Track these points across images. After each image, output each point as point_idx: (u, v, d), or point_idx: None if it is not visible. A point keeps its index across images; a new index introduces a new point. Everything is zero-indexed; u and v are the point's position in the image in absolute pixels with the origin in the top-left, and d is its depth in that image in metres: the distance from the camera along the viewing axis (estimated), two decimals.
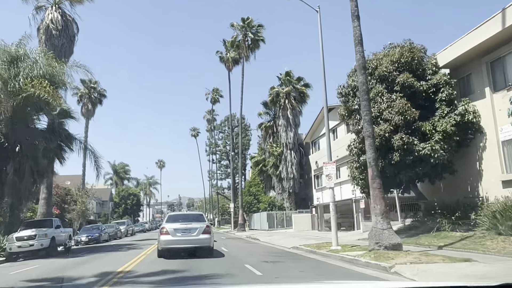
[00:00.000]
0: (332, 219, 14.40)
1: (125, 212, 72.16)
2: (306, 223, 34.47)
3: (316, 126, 32.52)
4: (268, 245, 20.01)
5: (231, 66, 48.78)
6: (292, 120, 38.72)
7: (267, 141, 43.58)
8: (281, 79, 39.78)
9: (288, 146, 38.82)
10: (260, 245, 20.35)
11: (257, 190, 46.70)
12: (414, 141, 14.16)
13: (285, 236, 25.48)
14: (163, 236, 13.16)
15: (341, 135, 28.20)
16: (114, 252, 17.87)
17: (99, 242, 27.64)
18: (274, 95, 39.77)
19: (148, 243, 23.25)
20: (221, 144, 62.21)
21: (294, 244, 17.94)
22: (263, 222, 39.66)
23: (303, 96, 39.32)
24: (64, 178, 58.77)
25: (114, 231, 32.91)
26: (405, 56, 15.57)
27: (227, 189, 64.92)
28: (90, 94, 52.61)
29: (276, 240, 22.67)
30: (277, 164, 40.16)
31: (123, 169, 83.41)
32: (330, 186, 14.50)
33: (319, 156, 32.10)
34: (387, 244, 10.52)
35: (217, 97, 67.51)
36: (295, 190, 39.19)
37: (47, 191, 25.61)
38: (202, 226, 13.34)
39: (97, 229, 28.80)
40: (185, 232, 13.10)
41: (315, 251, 14.11)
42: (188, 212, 29.99)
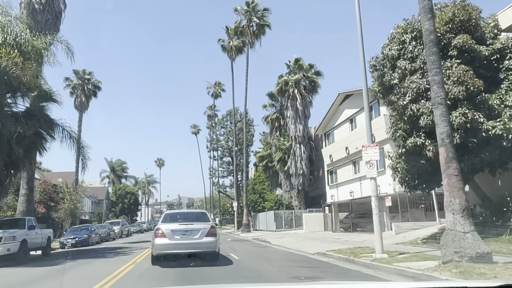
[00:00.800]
0: (374, 218, 11.28)
1: (122, 211, 68.92)
2: (318, 223, 31.32)
3: (330, 116, 29.33)
4: (284, 249, 16.83)
5: (234, 55, 45.58)
6: (302, 111, 35.56)
7: (273, 134, 40.41)
8: (290, 67, 36.61)
9: (297, 139, 35.65)
10: (274, 249, 17.18)
11: (262, 188, 43.46)
12: (479, 118, 10.98)
13: (299, 239, 22.31)
14: (158, 240, 10.79)
15: (360, 124, 25.01)
16: (99, 259, 14.70)
17: (88, 244, 24.46)
18: (283, 84, 36.57)
19: (142, 246, 20.11)
20: (223, 139, 58.91)
21: (318, 249, 14.79)
22: (270, 222, 36.48)
23: (314, 85, 36.13)
24: (56, 175, 55.69)
25: (107, 232, 29.73)
26: (460, 15, 12.41)
27: (229, 187, 61.69)
28: (84, 86, 49.41)
29: (291, 243, 19.51)
30: (285, 159, 37.00)
31: (121, 167, 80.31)
32: (371, 176, 11.40)
33: (333, 149, 28.93)
34: (473, 254, 7.37)
35: (219, 92, 64.21)
36: (305, 188, 36.02)
37: (28, 186, 22.44)
38: (206, 227, 10.95)
39: (86, 230, 25.62)
40: (185, 235, 10.77)
41: (353, 260, 10.96)
42: (188, 210, 26.58)
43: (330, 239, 20.66)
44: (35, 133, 17.84)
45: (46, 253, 17.46)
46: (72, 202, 28.51)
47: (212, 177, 62.95)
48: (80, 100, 48.81)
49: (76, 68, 50.55)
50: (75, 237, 24.17)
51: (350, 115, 26.59)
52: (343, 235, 23.31)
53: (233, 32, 42.96)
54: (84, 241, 24.28)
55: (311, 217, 31.90)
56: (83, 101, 48.81)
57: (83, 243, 24.19)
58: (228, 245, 19.52)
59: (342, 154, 27.23)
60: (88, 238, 24.56)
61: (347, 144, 26.33)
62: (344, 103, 27.53)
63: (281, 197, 39.41)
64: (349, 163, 26.70)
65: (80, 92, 49.08)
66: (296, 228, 34.41)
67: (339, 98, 27.61)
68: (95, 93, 50.99)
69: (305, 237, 23.09)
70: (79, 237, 24.13)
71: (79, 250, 20.52)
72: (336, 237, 22.03)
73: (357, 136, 25.14)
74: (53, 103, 19.79)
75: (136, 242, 25.44)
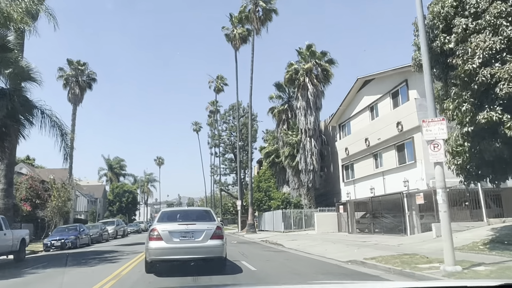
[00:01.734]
0: (442, 217, 8.35)
1: (119, 210, 66.05)
2: (331, 223, 28.48)
3: (347, 104, 26.46)
4: (305, 255, 13.98)
5: (239, 44, 42.78)
6: (313, 101, 32.72)
7: (280, 128, 37.56)
8: (301, 54, 33.73)
9: (307, 132, 32.81)
10: (294, 255, 14.32)
11: (268, 186, 40.53)
12: None
13: (316, 241, 19.46)
14: (154, 243, 9.03)
15: (383, 112, 22.17)
16: (77, 268, 11.86)
17: (75, 246, 21.66)
18: (292, 73, 33.71)
19: (136, 249, 17.31)
20: (226, 135, 56.02)
21: (349, 256, 11.94)
22: (277, 222, 33.62)
23: (327, 74, 33.25)
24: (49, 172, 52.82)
25: (99, 233, 26.87)
26: None
27: (231, 185, 58.85)
28: (78, 77, 46.60)
29: (309, 246, 16.68)
30: (294, 154, 34.15)
31: (119, 164, 77.48)
32: (437, 159, 8.46)
33: (350, 142, 26.07)
34: None
35: (221, 86, 61.39)
36: (315, 185, 33.17)
37: (6, 180, 19.63)
38: (211, 228, 9.22)
39: (74, 231, 22.78)
40: (185, 237, 9.08)
41: (413, 274, 8.06)
42: (189, 208, 23.64)
43: (353, 241, 17.80)
44: (7, 116, 15.00)
45: (19, 258, 14.63)
46: (60, 199, 25.66)
47: (214, 175, 60.11)
48: (74, 92, 46.03)
49: (70, 58, 48.00)
50: (61, 239, 21.38)
51: (370, 102, 23.72)
52: (364, 237, 20.46)
53: (237, 19, 40.22)
54: (71, 243, 21.47)
55: (323, 216, 29.05)
56: (77, 93, 46.02)
57: (70, 245, 21.38)
58: (235, 248, 16.69)
59: (360, 146, 24.38)
60: (76, 239, 21.75)
61: (367, 135, 23.48)
62: (363, 90, 24.67)
63: (288, 195, 36.53)
64: (369, 157, 23.83)
65: (74, 83, 46.30)
66: (306, 229, 31.58)
67: (357, 84, 24.74)
68: (90, 85, 48.21)
69: (322, 239, 20.23)
70: (65, 239, 21.34)
71: (62, 254, 17.67)
72: (359, 239, 19.14)
73: (379, 125, 22.30)
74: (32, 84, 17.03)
75: (131, 244, 22.59)
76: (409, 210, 19.56)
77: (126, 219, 66.70)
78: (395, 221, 20.81)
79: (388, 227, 21.41)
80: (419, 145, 18.65)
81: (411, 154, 19.62)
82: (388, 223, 21.53)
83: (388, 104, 21.69)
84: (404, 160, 20.31)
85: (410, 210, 19.55)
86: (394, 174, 20.98)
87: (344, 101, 26.43)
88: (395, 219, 20.72)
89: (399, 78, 20.46)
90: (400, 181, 20.00)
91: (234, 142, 55.21)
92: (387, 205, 21.45)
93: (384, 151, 22.13)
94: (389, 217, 21.27)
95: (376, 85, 23.10)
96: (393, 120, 20.53)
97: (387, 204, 21.48)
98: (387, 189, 21.59)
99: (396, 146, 20.96)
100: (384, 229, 21.59)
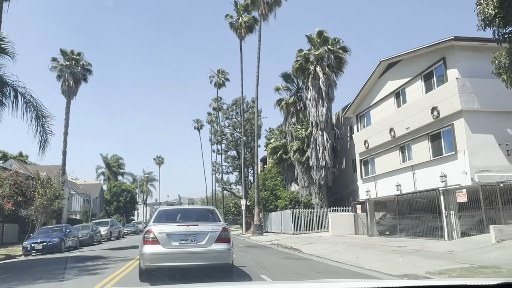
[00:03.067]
0: None
1: (117, 210, 63.41)
2: (347, 225, 25.76)
3: (366, 92, 23.72)
4: (335, 265, 11.21)
5: (244, 33, 40.03)
6: (325, 91, 29.96)
7: (288, 121, 34.83)
8: (312, 41, 30.99)
9: (319, 125, 30.05)
10: (319, 264, 11.54)
11: (274, 184, 37.71)
12: None
13: (338, 246, 16.68)
14: (149, 247, 7.76)
15: (412, 98, 19.41)
16: (46, 283, 9.07)
17: (60, 250, 18.90)
18: (302, 61, 30.99)
19: (127, 255, 14.58)
20: (229, 131, 53.18)
21: (397, 268, 9.17)
22: (286, 223, 30.85)
23: (340, 62, 30.50)
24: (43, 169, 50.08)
25: (89, 234, 24.09)
26: None
27: (234, 184, 56.02)
28: (72, 68, 43.84)
29: (333, 252, 13.93)
30: (304, 148, 31.39)
31: (117, 163, 74.79)
32: None
33: (370, 133, 23.32)
34: None
35: (223, 80, 58.52)
36: (327, 182, 30.40)
37: None
38: (216, 230, 8.06)
39: (59, 232, 20.00)
40: (186, 240, 7.85)
41: None
42: (190, 206, 20.32)
43: (383, 246, 15.04)
44: None
45: None
46: (45, 196, 22.93)
47: (216, 173, 57.25)
48: (68, 84, 43.21)
49: (64, 48, 45.24)
50: (43, 241, 18.63)
51: (395, 88, 20.96)
52: (391, 241, 17.71)
53: (243, 7, 37.51)
54: (55, 246, 18.71)
55: (338, 217, 26.28)
56: (71, 85, 43.21)
57: (53, 248, 18.64)
58: (246, 255, 13.94)
59: (383, 138, 21.64)
60: (61, 242, 18.96)
61: (392, 125, 20.74)
62: (386, 75, 21.92)
63: (297, 194, 33.69)
64: (395, 149, 21.07)
65: (68, 75, 43.51)
66: (318, 231, 28.83)
67: (380, 68, 21.99)
68: (85, 78, 45.43)
69: (344, 244, 17.45)
70: (48, 241, 18.57)
71: (40, 260, 14.95)
72: (387, 244, 16.35)
73: (407, 113, 19.54)
74: (5, 58, 14.29)
75: (124, 248, 19.82)
76: (446, 210, 16.77)
77: (123, 219, 64.07)
78: (428, 222, 18.03)
79: (419, 229, 18.63)
80: (461, 133, 15.92)
81: (450, 144, 16.85)
82: (419, 224, 18.75)
83: (419, 88, 18.90)
84: (440, 152, 17.53)
85: (448, 210, 16.77)
86: (427, 168, 18.21)
87: (364, 88, 23.67)
88: (429, 220, 17.93)
89: (434, 56, 17.70)
90: (435, 176, 17.23)
91: (237, 139, 52.44)
92: (418, 204, 18.68)
93: (414, 142, 19.35)
94: (420, 218, 18.48)
95: (403, 67, 20.33)
96: (426, 106, 17.77)
97: (417, 202, 18.72)
98: (418, 186, 18.82)
99: (429, 135, 18.18)
100: (413, 232, 18.81)
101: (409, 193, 19.25)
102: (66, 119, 43.18)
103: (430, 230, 17.83)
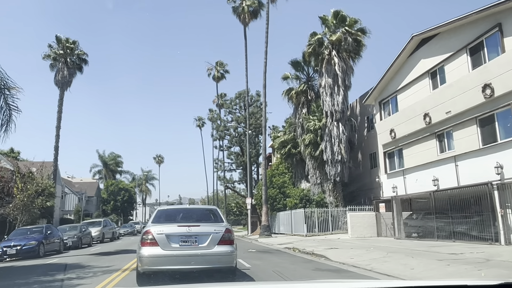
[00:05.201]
0: None
1: (114, 209, 60.51)
2: (368, 226, 22.88)
3: (392, 74, 20.80)
4: (383, 278, 8.30)
5: (248, 18, 37.22)
6: (342, 78, 27.01)
7: (298, 112, 31.87)
8: (326, 23, 28.02)
9: (334, 115, 27.12)
10: (361, 277, 8.58)
11: (282, 181, 34.72)
12: None
13: (372, 252, 13.76)
14: (147, 249, 7.22)
15: (453, 76, 16.46)
16: None
17: (38, 255, 16.03)
18: (315, 45, 28.01)
19: (113, 263, 11.73)
20: (232, 126, 50.15)
21: None
22: (297, 223, 27.95)
23: (358, 45, 27.47)
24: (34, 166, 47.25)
25: (77, 236, 21.16)
26: None
27: (237, 182, 52.98)
28: (66, 57, 40.99)
29: (372, 261, 11.02)
30: (317, 141, 28.45)
31: (114, 161, 71.78)
32: None
33: (398, 121, 20.39)
34: None
35: (221, 73, 55.37)
36: (343, 179, 27.46)
37: None
38: (219, 231, 7.49)
39: (39, 233, 17.06)
40: (187, 242, 7.32)
41: None
42: (191, 206, 18.61)
43: (433, 254, 12.12)
44: None
45: None
46: (26, 192, 20.00)
47: (218, 171, 54.29)
48: (62, 74, 40.36)
49: (59, 35, 42.36)
50: (18, 245, 15.76)
51: (431, 66, 18.01)
52: (429, 245, 14.80)
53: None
54: (31, 250, 15.86)
55: (358, 217, 23.31)
56: (65, 75, 40.35)
57: (30, 253, 15.79)
58: (261, 263, 11.05)
59: (415, 125, 18.72)
60: (38, 245, 16.05)
61: (427, 110, 17.82)
62: (419, 52, 19.00)
63: (308, 192, 30.68)
64: (430, 138, 18.15)
65: (62, 64, 40.66)
66: (333, 232, 25.94)
67: (411, 45, 19.06)
68: (80, 68, 42.55)
69: (377, 249, 14.53)
70: (23, 245, 15.68)
71: (5, 268, 11.99)
72: (428, 248, 13.40)
73: (447, 94, 16.60)
74: None
75: (113, 252, 16.87)
76: (502, 208, 13.83)
77: (121, 219, 61.20)
78: (476, 223, 15.08)
79: (463, 231, 15.71)
80: None
81: (507, 128, 13.92)
82: (462, 225, 15.82)
83: (463, 64, 15.95)
84: (494, 138, 14.60)
85: (504, 208, 13.83)
86: (475, 158, 15.24)
87: (390, 70, 20.75)
88: (477, 221, 14.99)
89: (485, 24, 14.77)
90: (486, 168, 14.28)
91: (241, 134, 49.50)
92: (462, 201, 15.70)
93: (457, 128, 16.40)
94: (465, 218, 15.52)
95: (440, 41, 17.39)
96: (475, 84, 14.84)
97: (461, 200, 15.74)
98: (461, 180, 15.86)
99: (478, 119, 15.25)
100: (455, 235, 15.90)
101: (450, 189, 16.28)
102: (59, 112, 40.40)
103: (479, 232, 14.90)
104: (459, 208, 15.73)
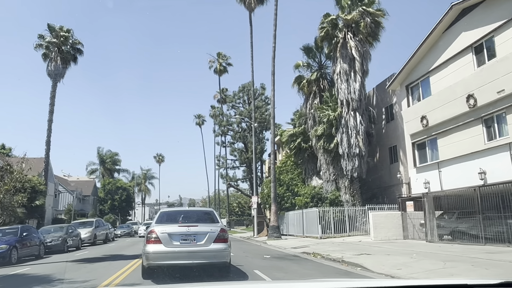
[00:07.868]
0: None
1: (111, 209, 57.88)
2: (392, 227, 20.17)
3: (423, 53, 18.10)
4: None
5: (254, 3, 34.64)
6: (359, 62, 24.37)
7: (309, 103, 29.22)
8: (341, 2, 25.35)
9: (351, 104, 24.48)
10: None
11: (290, 178, 32.06)
12: None
13: (421, 260, 11.08)
14: (151, 246, 8.15)
15: (506, 49, 13.77)
16: None
17: (9, 262, 13.36)
18: (329, 27, 25.38)
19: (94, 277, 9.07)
20: (235, 121, 47.46)
21: None
22: (311, 224, 25.26)
23: (377, 27, 24.79)
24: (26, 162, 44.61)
25: (61, 238, 18.44)
26: None
27: (241, 180, 50.30)
28: (60, 46, 38.31)
29: (429, 273, 8.46)
30: (331, 133, 25.77)
31: (112, 159, 69.00)
32: None
33: (431, 106, 17.69)
34: None
35: (224, 66, 52.51)
36: (361, 175, 24.80)
37: None
38: (215, 230, 8.50)
39: (13, 235, 14.38)
40: (186, 240, 8.29)
41: None
42: (190, 208, 18.03)
43: (497, 262, 9.45)
44: None
45: None
46: (3, 188, 17.38)
47: (220, 168, 51.62)
48: (55, 64, 37.59)
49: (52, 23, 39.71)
50: None
51: (475, 40, 15.32)
52: (483, 250, 12.14)
53: None
54: (2, 256, 13.11)
55: (382, 217, 20.55)
56: (58, 65, 37.60)
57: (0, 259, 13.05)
58: (287, 276, 8.37)
59: (454, 109, 16.04)
60: (9, 250, 13.38)
61: (471, 90, 15.14)
62: (458, 24, 16.31)
63: (320, 190, 28.00)
64: (475, 123, 15.44)
65: (56, 54, 37.96)
66: (351, 234, 23.26)
67: (450, 16, 16.39)
68: (74, 58, 39.77)
69: (420, 254, 11.84)
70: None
71: None
72: (475, 254, 10.70)
73: (498, 71, 13.92)
74: None
75: (100, 259, 14.14)
76: None
77: (119, 219, 58.58)
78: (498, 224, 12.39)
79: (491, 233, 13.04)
80: None
81: None
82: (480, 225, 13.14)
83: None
84: None
85: None
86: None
87: (421, 48, 18.04)
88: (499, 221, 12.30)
89: None
90: None
91: (245, 130, 46.83)
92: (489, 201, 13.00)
93: (508, 111, 13.71)
94: (489, 218, 12.85)
95: (488, 10, 14.70)
96: None
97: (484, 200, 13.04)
98: (489, 177, 13.22)
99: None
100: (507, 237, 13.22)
101: (503, 183, 13.57)
102: (51, 104, 37.68)
103: None
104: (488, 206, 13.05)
